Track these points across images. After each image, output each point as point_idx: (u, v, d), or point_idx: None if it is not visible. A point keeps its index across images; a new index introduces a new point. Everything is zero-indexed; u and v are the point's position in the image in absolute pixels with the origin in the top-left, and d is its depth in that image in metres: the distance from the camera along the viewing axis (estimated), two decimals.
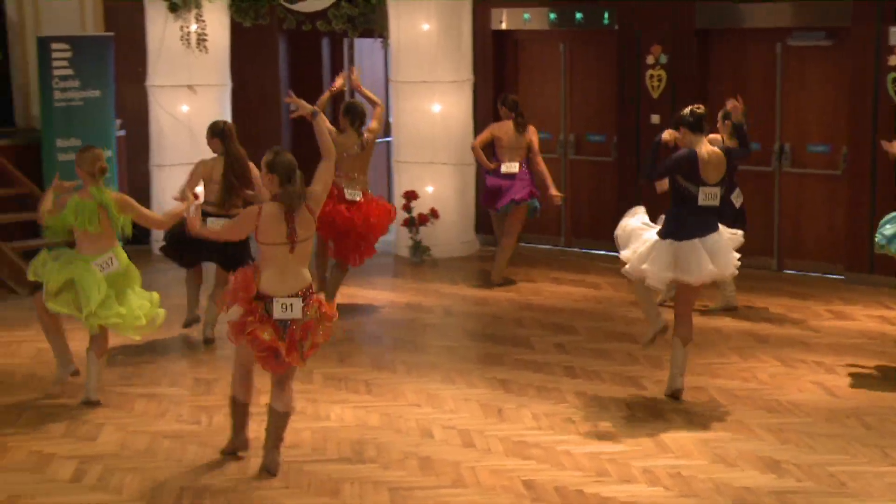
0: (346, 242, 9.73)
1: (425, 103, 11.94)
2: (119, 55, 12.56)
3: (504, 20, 12.60)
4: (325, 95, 10.25)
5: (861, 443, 6.73)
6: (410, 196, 11.79)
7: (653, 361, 8.42)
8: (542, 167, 10.81)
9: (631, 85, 11.83)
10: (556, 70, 12.58)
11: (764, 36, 11.29)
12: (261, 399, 7.27)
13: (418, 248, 11.97)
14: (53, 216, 7.53)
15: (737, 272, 7.72)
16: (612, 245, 8.16)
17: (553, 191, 10.79)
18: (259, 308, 6.21)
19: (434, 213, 11.89)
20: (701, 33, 11.54)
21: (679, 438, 6.85)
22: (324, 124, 6.52)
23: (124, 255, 7.67)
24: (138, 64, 12.69)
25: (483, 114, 12.71)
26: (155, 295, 7.73)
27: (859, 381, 7.95)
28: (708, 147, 7.48)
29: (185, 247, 8.80)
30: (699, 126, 7.49)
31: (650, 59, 11.71)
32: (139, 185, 12.93)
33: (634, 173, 11.83)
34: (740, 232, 7.85)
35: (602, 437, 6.91)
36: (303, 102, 6.69)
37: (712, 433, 6.94)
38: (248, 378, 6.59)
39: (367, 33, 12.92)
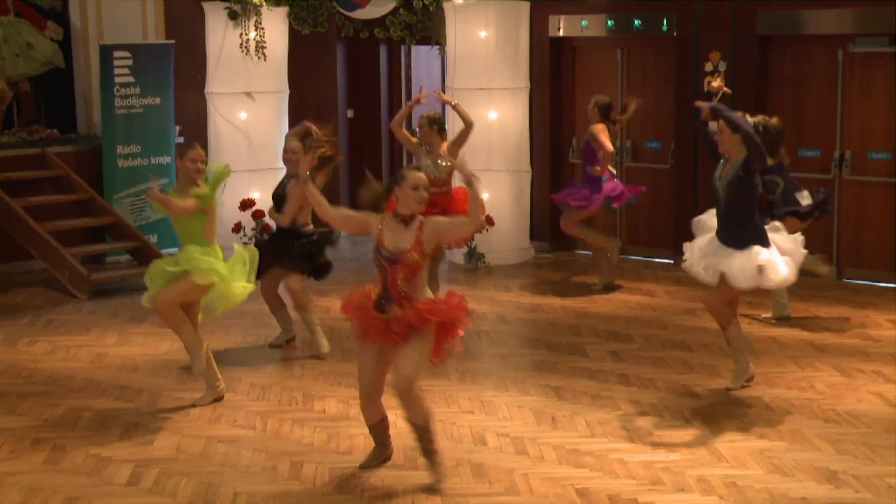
0: None
1: (482, 110, 11.95)
2: (179, 63, 12.73)
3: (561, 27, 12.58)
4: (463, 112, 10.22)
5: None
6: None
7: (708, 370, 8.35)
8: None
9: (689, 92, 11.75)
10: (613, 77, 12.53)
11: (826, 42, 11.15)
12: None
13: (473, 255, 11.97)
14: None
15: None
16: (669, 253, 8.15)
17: None
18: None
19: (489, 220, 11.88)
20: (762, 40, 11.43)
21: (734, 448, 6.78)
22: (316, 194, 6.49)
23: None
24: (198, 71, 12.84)
25: (539, 121, 12.70)
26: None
27: None
28: None
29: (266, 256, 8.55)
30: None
31: (709, 66, 11.62)
32: None
33: (691, 180, 11.74)
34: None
35: (656, 445, 6.86)
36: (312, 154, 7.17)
37: (768, 442, 6.86)
38: (374, 397, 6.40)
39: (425, 40, 12.97)
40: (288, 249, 8.72)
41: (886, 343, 9.02)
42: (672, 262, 11.50)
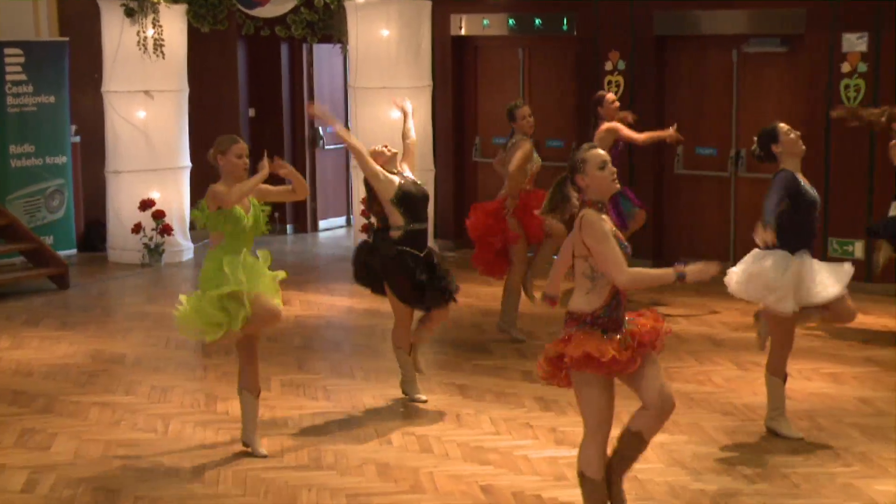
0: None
1: (384, 109, 11.92)
2: (74, 60, 12.47)
3: (463, 26, 12.63)
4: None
5: (814, 444, 6.79)
6: None
7: None
8: None
9: (589, 91, 11.88)
10: (514, 76, 12.62)
11: (720, 43, 11.38)
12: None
13: None
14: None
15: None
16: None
17: None
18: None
19: None
20: (658, 40, 11.61)
21: None
22: None
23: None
24: (94, 69, 12.60)
25: (442, 120, 12.73)
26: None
27: (812, 383, 8.02)
28: None
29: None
30: None
31: (608, 65, 11.78)
32: (95, 192, 12.84)
33: None
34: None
35: (560, 441, 6.92)
36: None
37: (668, 436, 6.96)
38: (605, 444, 5.21)
39: (327, 39, 12.91)
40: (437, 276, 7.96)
41: None
42: None
